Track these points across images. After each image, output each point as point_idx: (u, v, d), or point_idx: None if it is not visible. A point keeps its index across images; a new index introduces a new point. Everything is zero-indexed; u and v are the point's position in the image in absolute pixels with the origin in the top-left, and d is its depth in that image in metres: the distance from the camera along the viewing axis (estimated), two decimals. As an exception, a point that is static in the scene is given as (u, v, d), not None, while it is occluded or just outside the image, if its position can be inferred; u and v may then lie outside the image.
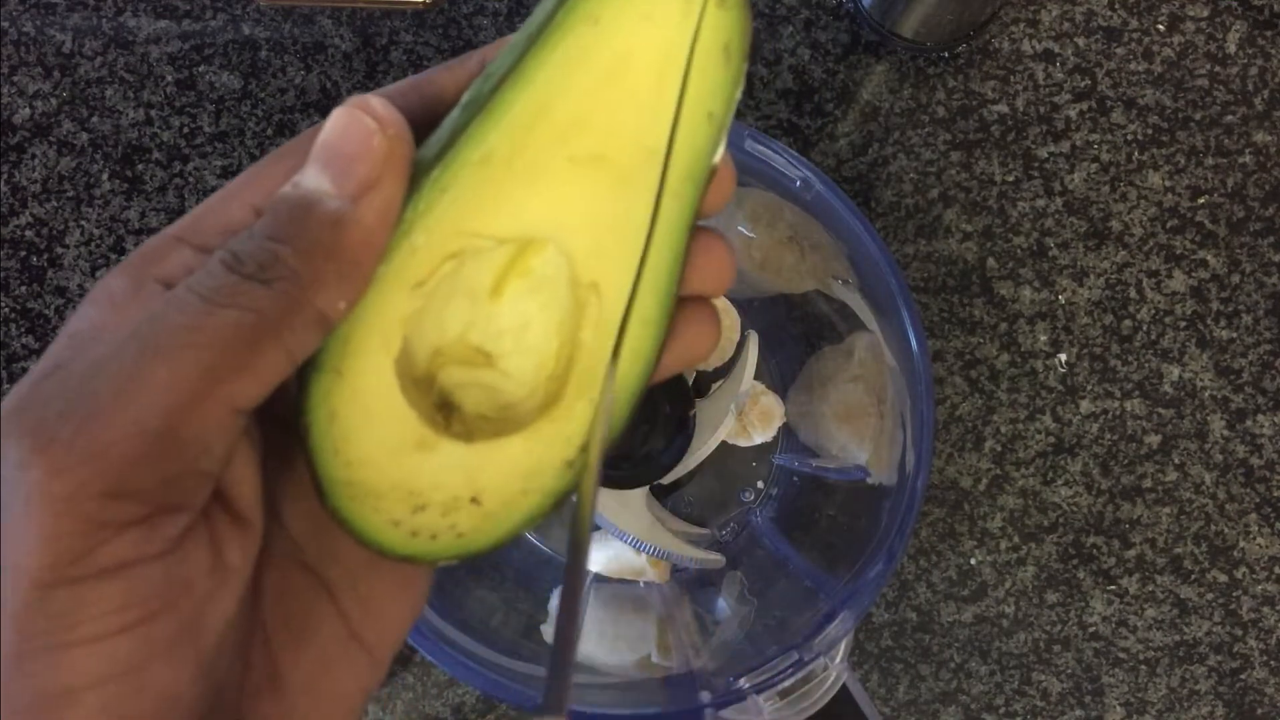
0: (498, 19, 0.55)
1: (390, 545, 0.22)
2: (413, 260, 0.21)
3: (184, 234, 0.21)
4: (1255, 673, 0.54)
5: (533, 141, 0.21)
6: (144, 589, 0.19)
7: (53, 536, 0.18)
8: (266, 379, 0.19)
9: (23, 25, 0.55)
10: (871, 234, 0.42)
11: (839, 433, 0.48)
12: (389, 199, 0.20)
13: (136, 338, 0.19)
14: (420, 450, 0.22)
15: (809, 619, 0.41)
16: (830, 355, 0.50)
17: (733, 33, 0.21)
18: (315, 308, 0.20)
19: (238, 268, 0.19)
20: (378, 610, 0.23)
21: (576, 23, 0.21)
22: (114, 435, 0.18)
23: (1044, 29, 0.56)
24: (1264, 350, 0.55)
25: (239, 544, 0.21)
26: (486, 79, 0.22)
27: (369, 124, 0.20)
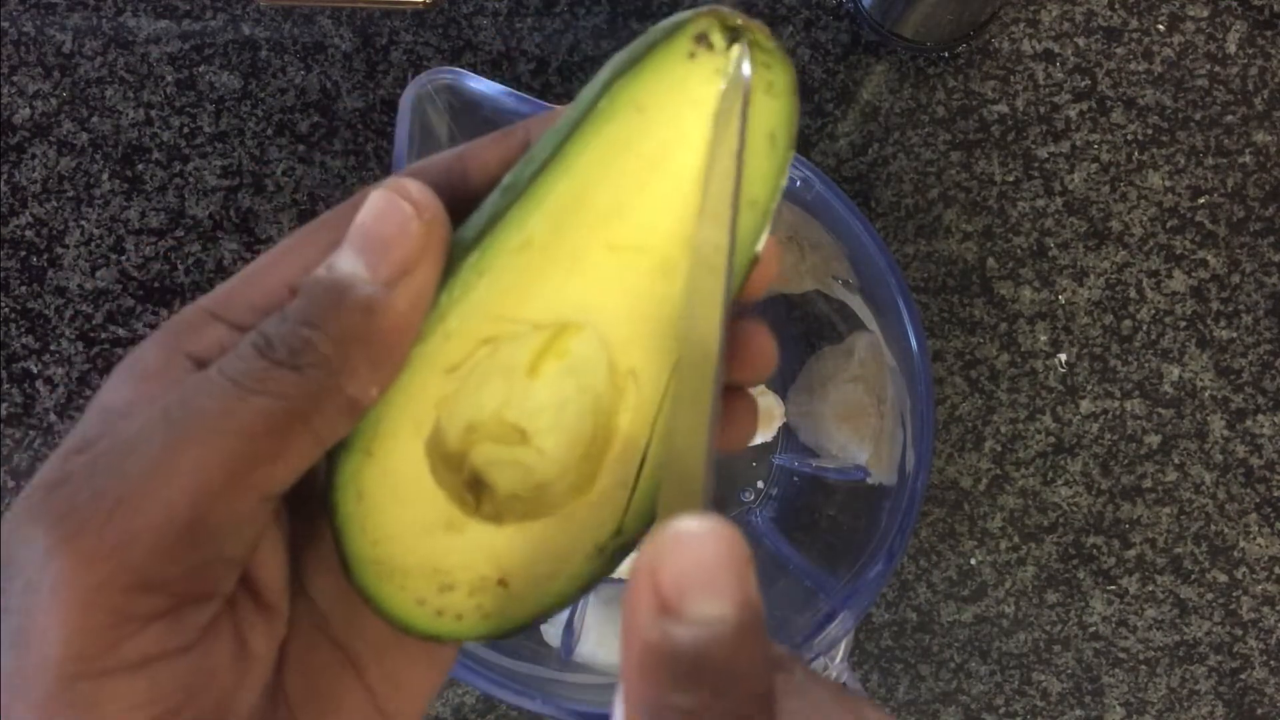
0: (497, 19, 0.55)
1: (416, 624, 0.22)
2: (447, 345, 0.21)
3: (216, 308, 0.21)
4: (1255, 673, 0.54)
5: (573, 228, 0.21)
6: (168, 682, 0.19)
7: (79, 629, 0.18)
8: (295, 466, 0.19)
9: (23, 25, 0.55)
10: (871, 234, 0.42)
11: (839, 433, 0.48)
12: (424, 285, 0.20)
13: (166, 420, 0.19)
14: (448, 531, 0.22)
15: (809, 619, 0.41)
16: (830, 355, 0.50)
17: (779, 121, 0.21)
18: (346, 395, 0.19)
19: (269, 353, 0.19)
20: (402, 684, 0.23)
21: (621, 109, 0.21)
22: (142, 525, 0.18)
23: (1044, 29, 0.56)
24: (1264, 350, 0.55)
25: (264, 631, 0.21)
26: (528, 163, 0.22)
27: (406, 209, 0.20)
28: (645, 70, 0.21)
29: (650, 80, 0.21)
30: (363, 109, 0.55)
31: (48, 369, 0.54)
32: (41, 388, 0.54)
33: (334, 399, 0.19)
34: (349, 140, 0.55)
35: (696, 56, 0.21)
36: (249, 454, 0.19)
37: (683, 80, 0.21)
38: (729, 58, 0.21)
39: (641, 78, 0.21)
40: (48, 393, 0.53)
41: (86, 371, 0.54)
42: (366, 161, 0.55)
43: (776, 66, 0.21)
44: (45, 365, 0.54)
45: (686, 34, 0.21)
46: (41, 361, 0.54)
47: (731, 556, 0.17)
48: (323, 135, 0.55)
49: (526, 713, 0.53)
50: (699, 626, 0.17)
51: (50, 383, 0.54)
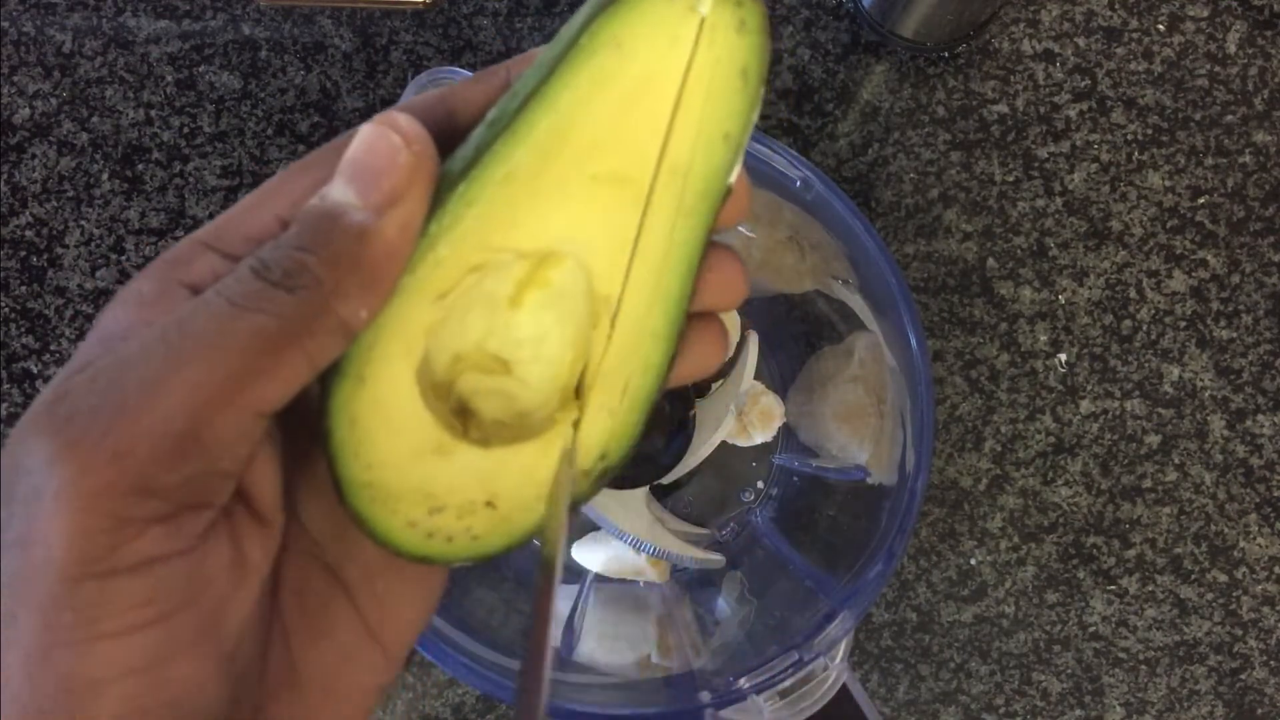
0: (497, 19, 0.55)
1: (407, 546, 0.23)
2: (437, 272, 0.22)
3: (211, 240, 0.22)
4: (1255, 673, 0.54)
5: (556, 159, 0.22)
6: (168, 585, 0.19)
7: (81, 532, 0.18)
8: (288, 384, 0.20)
9: (23, 25, 0.55)
10: (871, 234, 0.42)
11: (839, 433, 0.48)
12: (412, 212, 0.21)
13: (164, 339, 0.19)
14: (438, 455, 0.23)
15: (809, 619, 0.41)
16: (830, 355, 0.50)
17: (750, 57, 0.22)
18: (338, 316, 0.20)
19: (265, 274, 0.20)
20: (393, 608, 0.24)
21: (600, 46, 0.22)
22: (141, 434, 0.19)
23: (1044, 29, 0.56)
24: (1264, 350, 0.55)
25: (259, 542, 0.21)
26: (512, 97, 0.22)
27: (395, 140, 0.21)
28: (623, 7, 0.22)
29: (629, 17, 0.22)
30: (363, 109, 0.55)
31: (48, 369, 0.54)
32: (41, 388, 0.53)
33: (326, 320, 0.20)
34: (349, 140, 0.55)
35: None
36: (243, 370, 0.19)
37: (660, 17, 0.22)
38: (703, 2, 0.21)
39: (620, 15, 0.22)
40: (48, 393, 0.53)
41: (86, 371, 0.54)
42: (366, 161, 0.55)
43: (747, 4, 0.22)
44: (45, 365, 0.54)
45: None
46: (41, 361, 0.54)
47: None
48: (323, 135, 0.55)
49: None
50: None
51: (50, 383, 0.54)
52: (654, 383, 0.24)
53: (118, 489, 0.18)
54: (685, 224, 0.23)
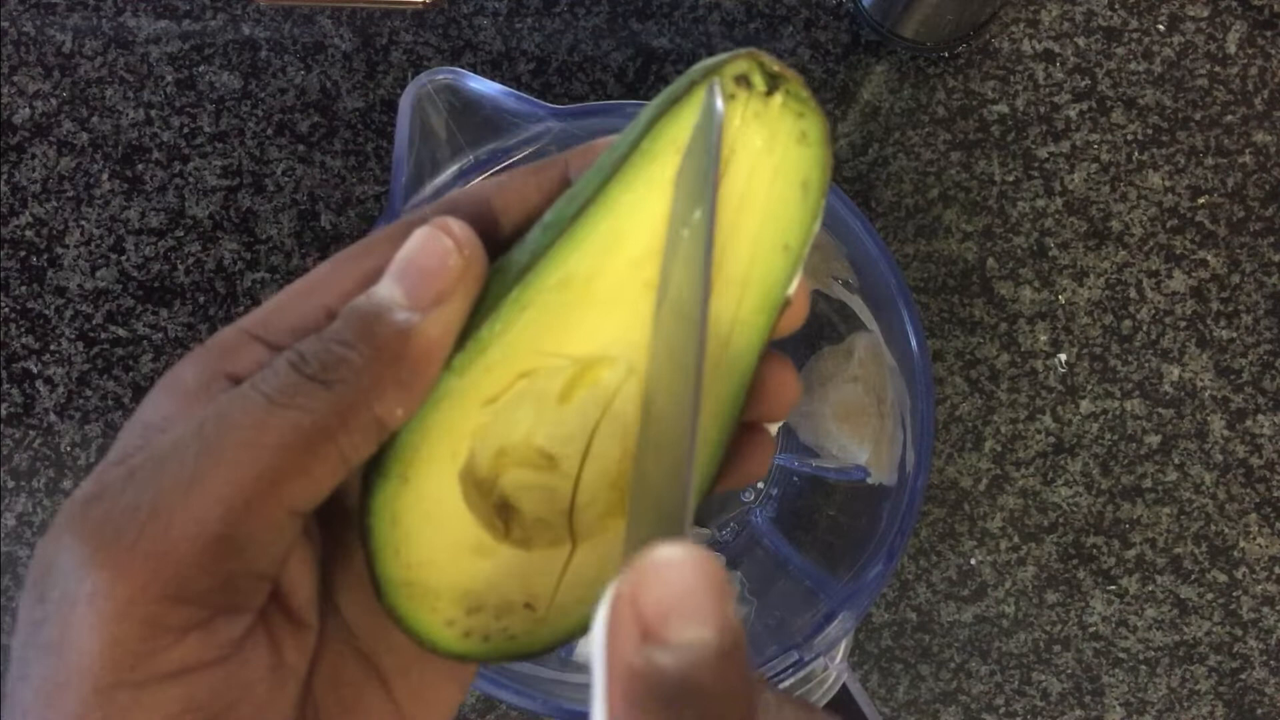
0: (497, 19, 0.55)
1: (444, 644, 0.23)
2: (487, 377, 0.22)
3: (256, 330, 0.22)
4: (1255, 673, 0.54)
5: (612, 266, 0.22)
6: (204, 693, 0.19)
7: (114, 640, 0.18)
8: (322, 482, 0.20)
9: (23, 25, 0.55)
10: (871, 234, 0.42)
11: (839, 433, 0.48)
12: (456, 315, 0.21)
13: (200, 434, 0.19)
14: (478, 554, 0.23)
15: (809, 619, 0.41)
16: (830, 355, 0.50)
17: (812, 169, 0.22)
18: (373, 413, 0.20)
19: (302, 368, 0.20)
20: (426, 698, 0.24)
21: (661, 151, 0.21)
22: (176, 537, 0.18)
23: (1044, 29, 0.56)
24: (1264, 350, 0.55)
25: (296, 644, 0.21)
26: (570, 201, 0.22)
27: (447, 243, 0.21)
28: (686, 110, 0.21)
29: (691, 120, 0.21)
30: (363, 109, 0.55)
31: (48, 369, 0.54)
32: (41, 388, 0.54)
33: (361, 417, 0.20)
34: (349, 140, 0.55)
35: (736, 98, 0.21)
36: (278, 468, 0.19)
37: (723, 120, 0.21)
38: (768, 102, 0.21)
39: (682, 117, 0.21)
40: (48, 393, 0.53)
41: (86, 371, 0.54)
42: (366, 161, 0.55)
43: (809, 116, 0.21)
44: (45, 365, 0.54)
45: (727, 75, 0.21)
46: (41, 361, 0.54)
47: (711, 582, 0.17)
48: (323, 135, 0.55)
49: (526, 713, 0.53)
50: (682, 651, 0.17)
51: (50, 383, 0.54)
52: (701, 488, 0.23)
53: (152, 594, 0.18)
54: (741, 334, 0.22)
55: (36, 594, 0.19)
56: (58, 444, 0.53)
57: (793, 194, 0.22)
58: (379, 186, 0.55)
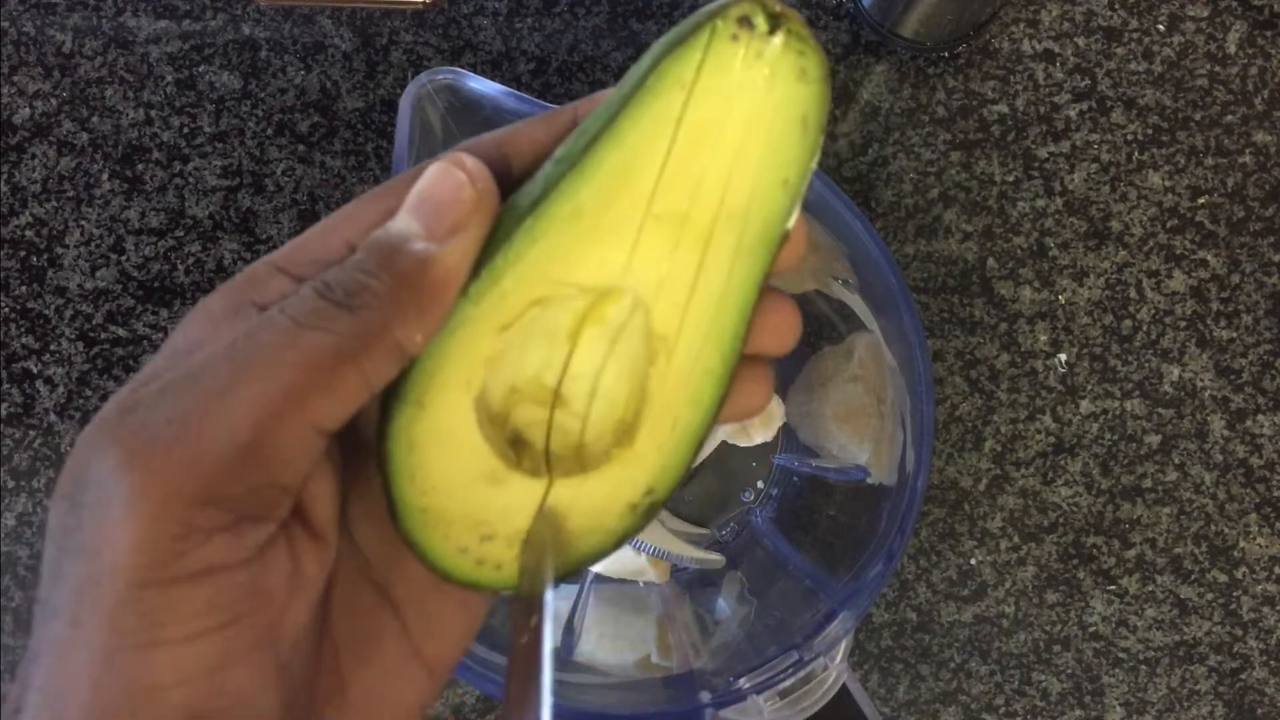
0: (497, 19, 0.55)
1: (456, 571, 0.23)
2: (501, 304, 0.23)
3: (282, 263, 0.23)
4: (1255, 673, 0.54)
5: (620, 197, 0.23)
6: (229, 594, 0.20)
7: (147, 538, 0.19)
8: (346, 402, 0.21)
9: (23, 25, 0.55)
10: (871, 234, 0.42)
11: (839, 433, 0.48)
12: (471, 244, 0.22)
13: (230, 354, 0.20)
14: (491, 483, 0.23)
15: (809, 619, 0.41)
16: (830, 355, 0.50)
17: (811, 105, 0.23)
18: (394, 337, 0.21)
19: (327, 294, 0.21)
20: (439, 629, 0.25)
21: (667, 86, 0.22)
22: (207, 444, 0.19)
23: (1044, 29, 0.56)
24: (1264, 350, 0.55)
25: (315, 558, 0.22)
26: (580, 135, 0.23)
27: (460, 176, 0.22)
28: (690, 49, 0.22)
29: (695, 59, 0.22)
30: (363, 109, 0.55)
31: (48, 369, 0.54)
32: (41, 388, 0.54)
33: (382, 340, 0.21)
34: (349, 140, 0.55)
35: (739, 38, 0.22)
36: (304, 385, 0.20)
37: (726, 60, 0.22)
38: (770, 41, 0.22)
39: (686, 56, 0.22)
40: (48, 393, 0.53)
41: (86, 371, 0.54)
42: (366, 161, 0.55)
43: (809, 54, 0.22)
44: (45, 365, 0.54)
45: (730, 16, 0.22)
46: (41, 361, 0.54)
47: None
48: (323, 135, 0.55)
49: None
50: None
51: (50, 383, 0.54)
52: (703, 420, 0.24)
53: (184, 497, 0.19)
54: (743, 266, 0.23)
55: (69, 502, 0.20)
56: (58, 444, 0.53)
57: (792, 129, 0.23)
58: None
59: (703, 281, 0.23)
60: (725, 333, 0.24)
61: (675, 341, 0.24)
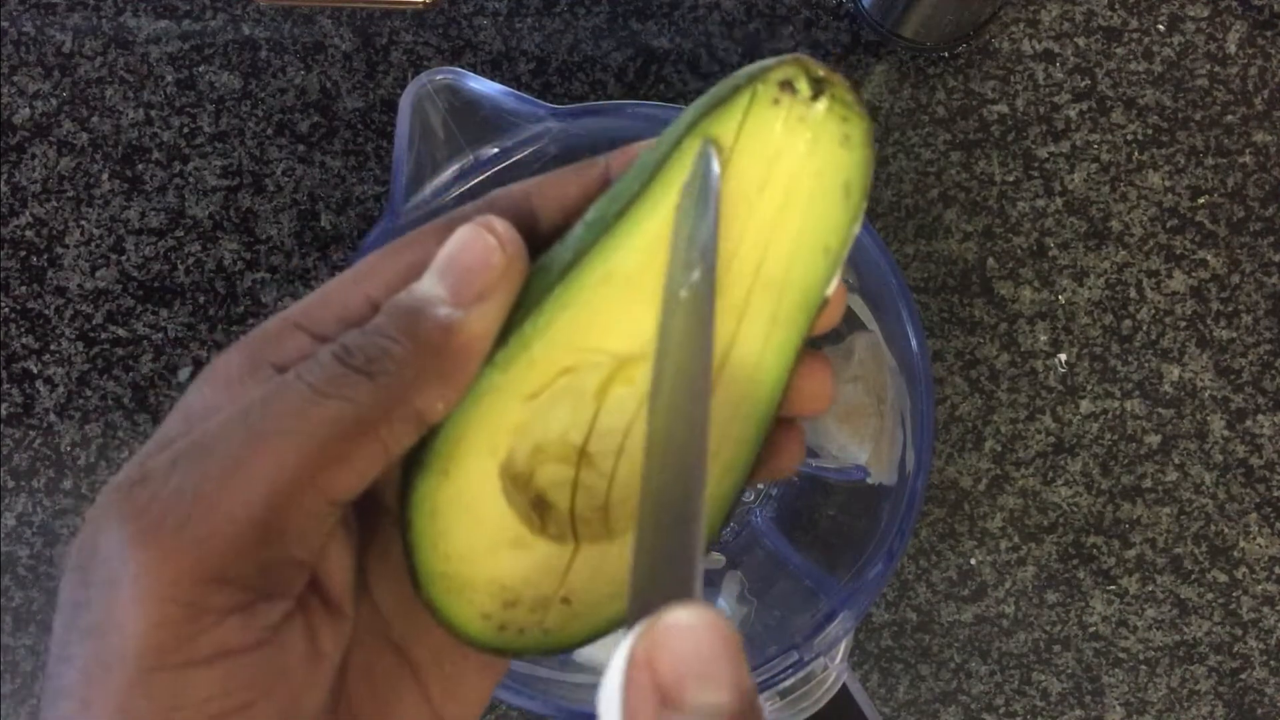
0: (497, 19, 0.55)
1: (479, 637, 0.23)
2: (530, 372, 0.22)
3: (301, 319, 0.22)
4: (1255, 673, 0.54)
5: (654, 264, 0.22)
6: (243, 677, 0.19)
7: (157, 621, 0.18)
8: (363, 472, 0.20)
9: (23, 25, 0.55)
10: (871, 234, 0.42)
11: (839, 433, 0.48)
12: (498, 310, 0.22)
13: (245, 421, 0.20)
14: (515, 549, 0.23)
15: (809, 619, 0.41)
16: (830, 355, 0.50)
17: (854, 172, 0.22)
18: (414, 406, 0.21)
19: (346, 359, 0.20)
20: (458, 690, 0.24)
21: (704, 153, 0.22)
22: (219, 522, 0.19)
23: (1044, 29, 0.56)
24: (1264, 350, 0.55)
25: (332, 632, 0.22)
26: (613, 200, 0.22)
27: (491, 241, 0.21)
28: (730, 112, 0.21)
29: (735, 123, 0.21)
30: (363, 109, 0.55)
31: (48, 369, 0.54)
32: (41, 388, 0.54)
33: (402, 409, 0.20)
34: (349, 140, 0.55)
35: (781, 102, 0.21)
36: (320, 456, 0.19)
37: (767, 124, 0.21)
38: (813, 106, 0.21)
39: (725, 119, 0.22)
40: (48, 393, 0.53)
41: (86, 371, 0.54)
42: (366, 161, 0.55)
43: (854, 120, 0.22)
44: (45, 365, 0.54)
45: (772, 80, 0.21)
46: (41, 361, 0.54)
47: (726, 646, 0.18)
48: (323, 135, 0.55)
49: (526, 713, 0.53)
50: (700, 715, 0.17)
51: (50, 383, 0.54)
52: (735, 485, 0.24)
53: (195, 577, 0.19)
54: (779, 334, 0.23)
55: (80, 577, 0.19)
56: (58, 444, 0.53)
57: (834, 196, 0.22)
58: (379, 186, 0.55)
59: (737, 349, 0.23)
60: (759, 401, 0.23)
61: None
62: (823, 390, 0.24)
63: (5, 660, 0.52)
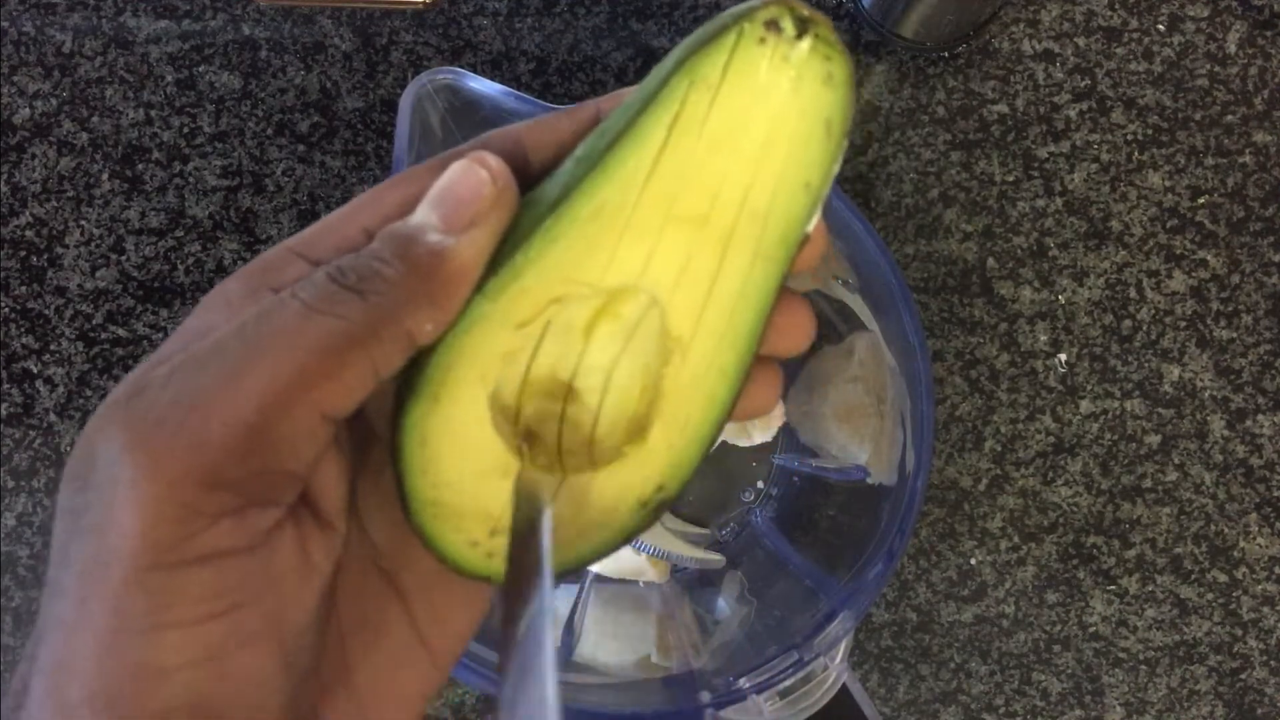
0: (497, 19, 0.55)
1: (466, 564, 0.23)
2: (520, 301, 0.23)
3: (299, 247, 0.23)
4: (1255, 673, 0.54)
5: (641, 198, 0.23)
6: (234, 579, 0.20)
7: (153, 521, 0.19)
8: (353, 389, 0.21)
9: (23, 25, 0.55)
10: (871, 234, 0.42)
11: (839, 433, 0.48)
12: (487, 239, 0.22)
13: (239, 336, 0.20)
14: (503, 477, 0.23)
15: (809, 619, 0.41)
16: (830, 355, 0.50)
17: (835, 110, 0.23)
18: (403, 326, 0.21)
19: (340, 278, 0.21)
20: (445, 618, 0.25)
21: (691, 90, 0.22)
22: (213, 427, 0.19)
23: (1044, 29, 0.56)
24: (1264, 350, 0.55)
25: (322, 545, 0.22)
26: (601, 135, 0.23)
27: (482, 174, 0.22)
28: (716, 51, 0.22)
29: (721, 61, 0.22)
30: (363, 109, 0.55)
31: (48, 369, 0.54)
32: (41, 388, 0.54)
33: (392, 329, 0.21)
34: (349, 140, 0.55)
35: (766, 41, 0.22)
36: (312, 370, 0.20)
37: (753, 62, 0.22)
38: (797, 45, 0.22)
39: (712, 58, 0.22)
40: (48, 393, 0.53)
41: (86, 371, 0.54)
42: (366, 161, 0.55)
43: (836, 59, 0.22)
44: (45, 365, 0.54)
45: (758, 19, 0.22)
46: (41, 361, 0.54)
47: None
48: (323, 135, 0.55)
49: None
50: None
51: (50, 383, 0.54)
52: (716, 419, 0.24)
53: (190, 480, 0.19)
54: (762, 268, 0.23)
55: (77, 484, 0.20)
56: (58, 444, 0.53)
57: (816, 133, 0.23)
58: (379, 186, 0.55)
59: (721, 283, 0.23)
60: (741, 334, 0.24)
61: (690, 342, 0.24)
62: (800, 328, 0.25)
63: (5, 660, 0.52)
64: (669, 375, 0.24)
